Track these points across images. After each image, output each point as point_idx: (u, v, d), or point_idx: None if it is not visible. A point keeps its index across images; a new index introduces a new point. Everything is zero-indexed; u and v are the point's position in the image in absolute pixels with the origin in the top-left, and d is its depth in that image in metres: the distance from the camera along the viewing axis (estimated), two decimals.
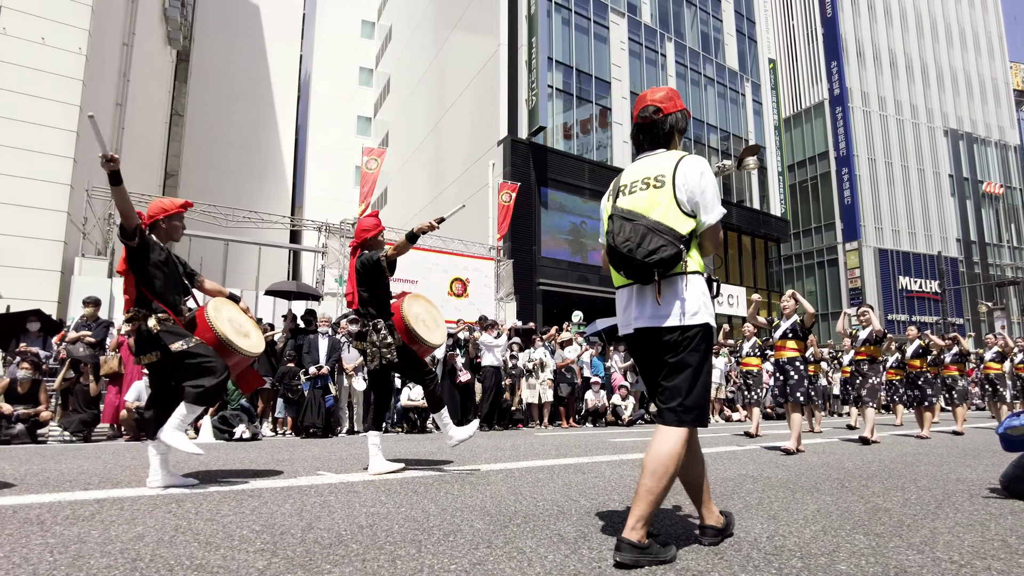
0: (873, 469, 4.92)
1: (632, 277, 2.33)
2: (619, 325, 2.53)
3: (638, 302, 2.37)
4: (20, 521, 2.67)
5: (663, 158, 2.41)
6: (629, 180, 2.45)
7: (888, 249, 40.63)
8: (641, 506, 2.14)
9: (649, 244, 2.20)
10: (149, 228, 3.87)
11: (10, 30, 14.52)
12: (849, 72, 41.92)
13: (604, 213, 2.54)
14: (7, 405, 7.28)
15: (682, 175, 2.32)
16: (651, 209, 2.30)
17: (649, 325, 2.34)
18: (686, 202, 2.30)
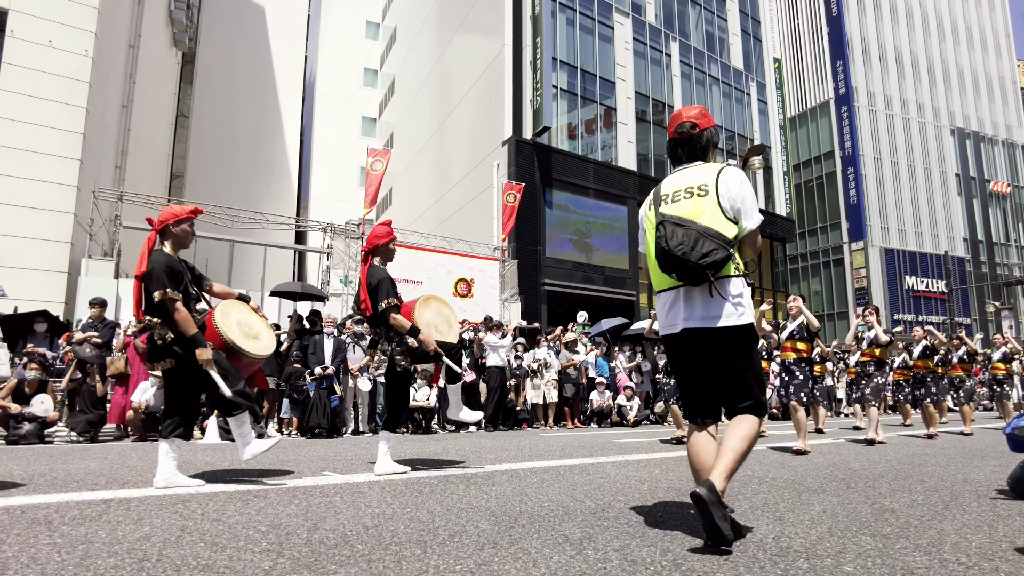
0: (879, 470, 4.90)
1: (684, 279, 2.47)
2: (661, 326, 2.67)
3: (686, 304, 2.53)
4: (28, 521, 2.68)
5: (704, 169, 2.60)
6: (671, 189, 2.63)
7: (894, 249, 40.46)
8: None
9: (702, 247, 2.36)
10: (160, 234, 3.90)
11: (17, 33, 14.59)
12: (855, 71, 41.77)
13: (646, 222, 2.69)
14: (15, 405, 7.32)
15: (724, 184, 2.51)
16: (698, 216, 2.47)
17: (700, 326, 2.49)
18: (729, 209, 2.48)
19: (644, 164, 25.94)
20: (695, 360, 2.58)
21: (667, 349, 2.73)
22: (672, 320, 2.59)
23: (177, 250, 3.96)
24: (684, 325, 2.53)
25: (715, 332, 2.47)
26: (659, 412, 12.11)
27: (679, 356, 2.63)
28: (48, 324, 8.84)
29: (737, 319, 2.46)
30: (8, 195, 13.94)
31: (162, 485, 3.63)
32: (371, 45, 42.55)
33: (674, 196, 2.59)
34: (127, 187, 17.85)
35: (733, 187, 2.50)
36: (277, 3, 39.98)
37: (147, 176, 24.78)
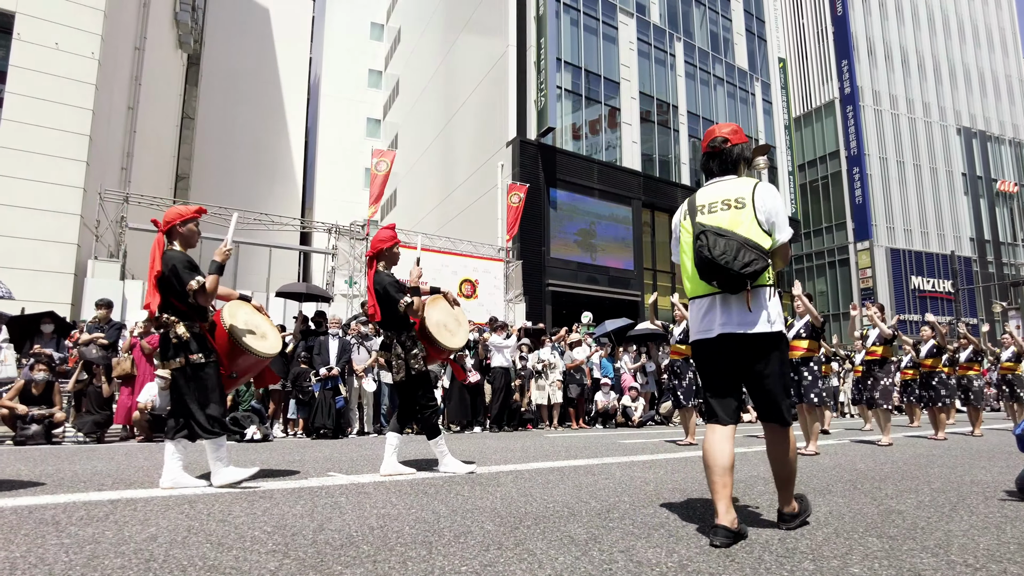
0: (886, 471, 4.88)
1: (724, 287, 2.60)
2: (695, 331, 2.79)
3: (723, 310, 2.66)
4: (36, 521, 2.69)
5: (739, 183, 2.75)
6: (707, 201, 2.76)
7: (900, 249, 40.31)
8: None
9: (744, 257, 2.50)
10: (167, 235, 3.92)
11: (24, 36, 14.67)
12: (860, 70, 41.62)
13: (680, 230, 2.85)
14: (23, 406, 7.36)
15: (761, 198, 2.66)
16: (736, 227, 2.61)
17: (737, 331, 2.62)
18: (764, 222, 2.63)
19: (649, 164, 25.91)
20: (729, 364, 2.70)
21: (700, 353, 2.82)
22: (708, 325, 2.71)
23: (185, 250, 3.98)
24: (721, 330, 2.65)
25: (751, 338, 2.61)
26: (664, 413, 12.10)
27: (713, 360, 2.74)
28: (55, 325, 8.88)
29: (771, 326, 2.61)
30: (15, 197, 14.02)
31: (168, 485, 3.65)
32: (375, 46, 42.62)
33: (711, 207, 2.72)
34: (133, 188, 17.92)
35: (768, 201, 2.66)
36: (281, 5, 40.09)
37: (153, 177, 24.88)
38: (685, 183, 26.92)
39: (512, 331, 11.80)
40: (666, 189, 26.14)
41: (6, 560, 2.08)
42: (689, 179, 27.16)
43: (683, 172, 27.11)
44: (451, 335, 4.71)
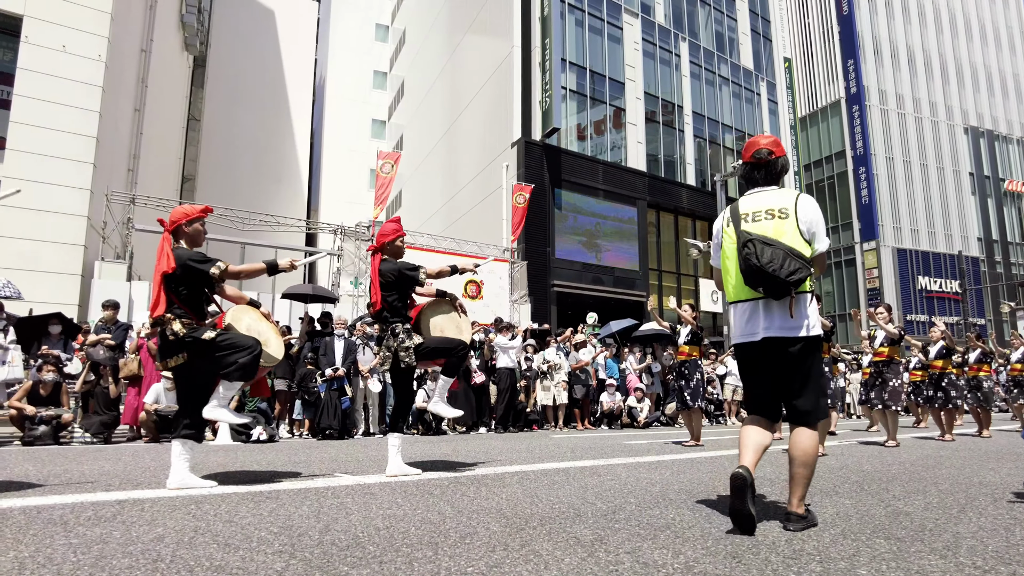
0: (893, 472, 4.86)
1: (770, 293, 2.74)
2: (738, 334, 2.93)
3: (766, 315, 2.80)
4: (44, 522, 2.71)
5: (781, 194, 2.89)
6: (750, 210, 2.90)
7: (907, 249, 40.14)
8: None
9: (790, 266, 2.64)
10: (173, 234, 3.92)
11: (32, 39, 14.76)
12: (866, 70, 41.48)
13: (723, 237, 2.97)
14: (31, 407, 7.40)
15: (803, 209, 2.81)
16: (780, 236, 2.75)
17: (780, 335, 2.76)
18: (805, 232, 2.78)
19: (654, 165, 25.88)
20: (771, 366, 2.85)
21: (743, 355, 2.96)
22: (752, 329, 2.84)
23: (191, 248, 3.99)
24: (765, 334, 2.79)
25: (793, 341, 2.76)
26: (670, 414, 12.08)
27: (756, 361, 2.89)
28: (62, 326, 8.92)
29: (810, 330, 2.76)
30: (24, 199, 14.07)
31: (175, 486, 3.66)
32: (380, 48, 42.71)
33: (754, 216, 2.87)
34: (139, 190, 18.00)
35: (810, 212, 2.82)
36: (287, 7, 40.22)
37: (159, 179, 24.99)
38: (690, 183, 26.88)
39: (518, 332, 11.80)
40: (671, 189, 26.11)
41: (15, 560, 2.09)
42: (694, 179, 27.12)
43: (688, 172, 27.07)
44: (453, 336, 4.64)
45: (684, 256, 25.45)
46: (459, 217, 26.23)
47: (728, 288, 2.96)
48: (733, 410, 14.53)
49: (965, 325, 35.41)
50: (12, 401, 7.51)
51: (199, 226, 4.00)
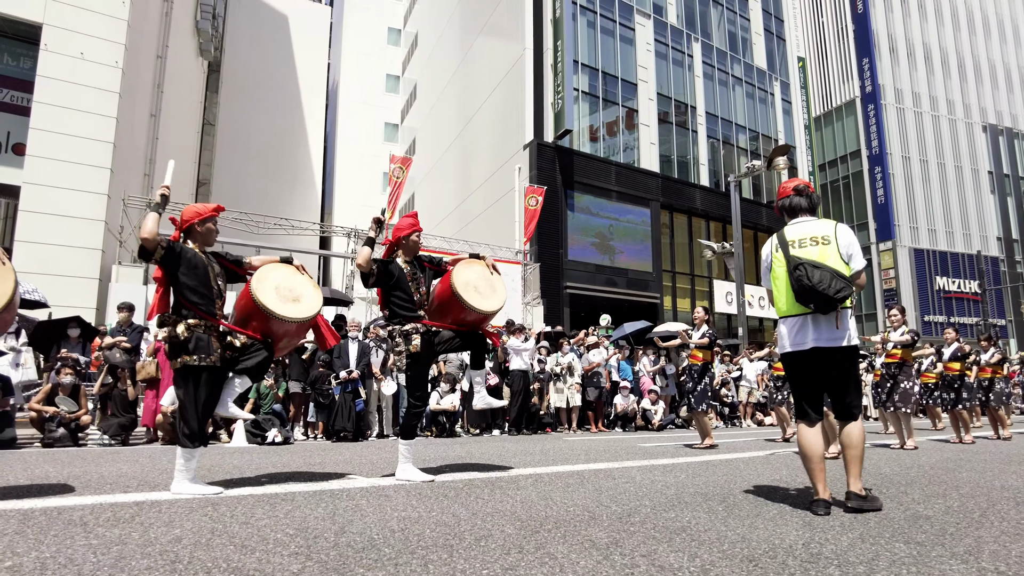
0: (912, 475, 4.80)
1: (819, 309, 3.20)
2: (789, 344, 3.38)
3: (814, 327, 3.27)
4: (65, 522, 2.74)
5: (821, 224, 3.41)
6: (796, 237, 3.39)
7: (924, 249, 39.67)
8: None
9: (837, 285, 3.12)
10: (185, 233, 3.89)
11: (51, 46, 14.97)
12: (882, 68, 41.07)
13: (773, 260, 3.48)
14: (50, 408, 7.49)
15: (842, 236, 3.33)
16: (825, 260, 3.24)
17: (827, 345, 3.24)
18: (844, 255, 3.28)
19: (667, 166, 25.77)
20: (819, 372, 3.33)
21: (793, 362, 3.42)
22: (801, 339, 3.31)
23: (203, 248, 3.94)
24: (814, 344, 3.26)
25: (838, 350, 3.25)
26: (684, 416, 12.01)
27: (805, 368, 3.36)
28: (80, 330, 9.03)
29: (851, 340, 3.24)
30: (44, 204, 14.30)
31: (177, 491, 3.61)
32: (393, 51, 42.89)
33: (800, 243, 3.35)
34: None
35: (848, 238, 3.34)
36: (300, 11, 40.51)
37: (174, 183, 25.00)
38: (704, 184, 26.74)
39: (531, 334, 11.78)
40: (685, 190, 25.98)
41: (37, 560, 2.12)
42: (707, 180, 26.97)
43: (702, 173, 26.93)
44: (481, 297, 4.39)
45: (698, 257, 25.30)
46: (472, 219, 26.26)
47: (779, 305, 3.42)
48: (748, 412, 14.42)
49: (985, 326, 34.91)
50: (31, 404, 7.61)
51: (211, 225, 3.96)
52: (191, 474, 3.67)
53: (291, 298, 3.94)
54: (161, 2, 21.48)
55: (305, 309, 3.96)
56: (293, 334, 4.14)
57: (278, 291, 3.91)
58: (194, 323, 3.70)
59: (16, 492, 3.64)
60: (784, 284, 3.35)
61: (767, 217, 28.77)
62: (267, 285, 3.90)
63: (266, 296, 3.84)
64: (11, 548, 2.28)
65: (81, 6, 15.38)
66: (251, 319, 3.92)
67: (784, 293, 3.36)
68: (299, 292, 4.01)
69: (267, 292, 3.86)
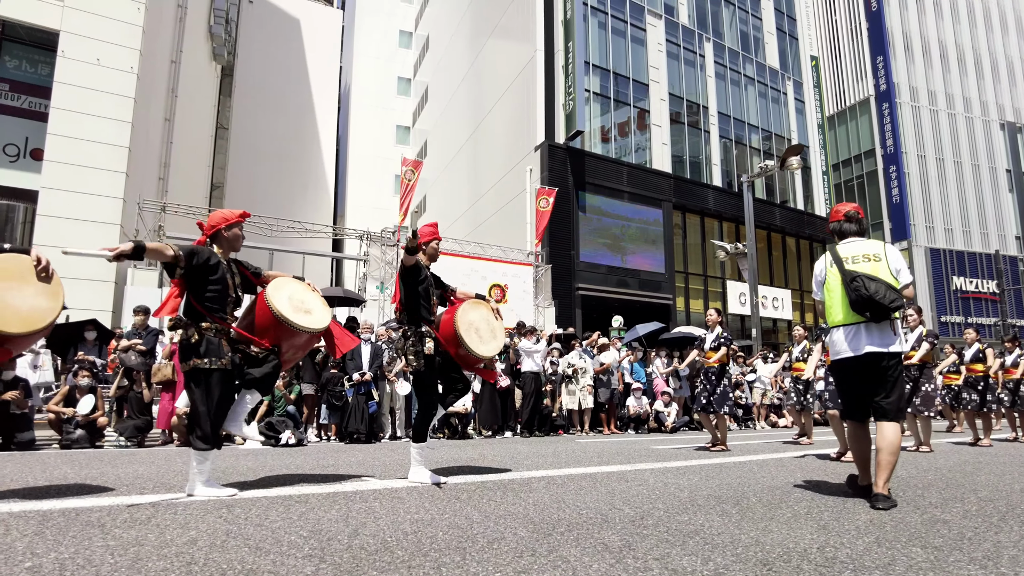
0: (929, 478, 4.75)
1: (875, 318, 3.58)
2: (844, 349, 3.71)
3: (867, 334, 3.63)
4: (83, 523, 2.77)
5: (871, 243, 3.83)
6: (850, 254, 3.79)
7: (940, 248, 39.21)
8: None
9: (891, 295, 3.51)
10: (211, 238, 3.93)
11: (68, 53, 15.17)
12: (896, 66, 40.68)
13: (828, 275, 3.86)
14: (68, 409, 7.59)
15: (891, 254, 3.75)
16: (878, 274, 3.62)
17: (880, 350, 3.60)
18: (893, 271, 3.66)
19: (679, 166, 25.67)
20: (867, 375, 3.67)
21: (847, 366, 3.75)
22: (857, 345, 3.65)
23: (228, 253, 3.98)
24: (868, 349, 3.61)
25: (889, 354, 3.61)
26: (697, 419, 11.95)
27: (858, 371, 3.70)
28: (97, 332, 9.14)
29: (901, 346, 3.65)
30: (61, 209, 14.50)
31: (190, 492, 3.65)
32: (404, 54, 43.05)
33: (854, 259, 3.76)
34: (170, 198, 18.37)
35: (896, 256, 3.76)
36: (312, 15, 40.77)
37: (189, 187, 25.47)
38: (716, 184, 26.61)
39: (542, 336, 11.77)
40: (697, 191, 25.87)
41: (56, 561, 2.15)
42: (720, 180, 26.83)
43: (714, 173, 26.80)
44: (480, 342, 4.50)
45: (711, 258, 25.18)
46: (483, 221, 26.30)
47: (833, 314, 3.77)
48: (762, 414, 14.32)
49: (1004, 327, 34.47)
50: (50, 405, 7.71)
51: (237, 231, 4.01)
52: (206, 476, 3.70)
53: (303, 309, 4.03)
54: (175, 8, 21.71)
55: (315, 321, 4.07)
56: (299, 347, 4.22)
57: (291, 301, 4.00)
58: (206, 326, 3.73)
59: (35, 493, 3.69)
60: (840, 295, 3.73)
61: (780, 217, 28.58)
62: (282, 294, 3.98)
63: (280, 303, 3.91)
64: (31, 549, 2.31)
65: (97, 13, 15.59)
66: (262, 328, 3.97)
67: (840, 304, 3.73)
68: (310, 306, 4.12)
69: (282, 300, 3.94)
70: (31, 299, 3.30)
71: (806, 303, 29.35)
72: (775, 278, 28.40)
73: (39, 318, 3.31)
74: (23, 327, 3.23)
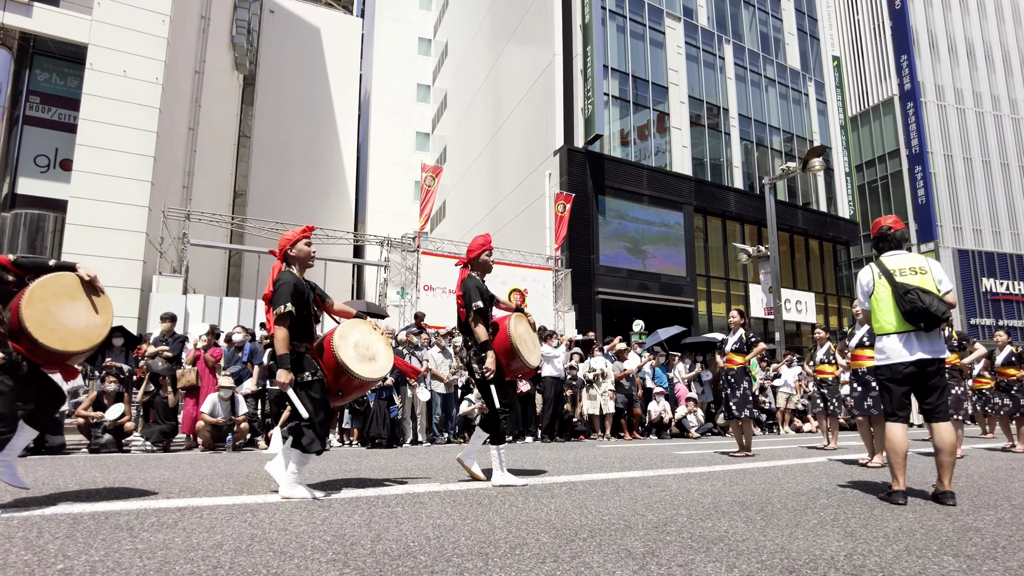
0: (960, 485, 4.64)
1: (928, 327, 3.81)
2: (895, 356, 3.92)
3: (918, 342, 3.86)
4: (112, 527, 2.82)
5: (914, 256, 4.09)
6: (896, 267, 4.02)
7: (969, 250, 38.43)
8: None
9: (942, 307, 3.76)
10: (285, 262, 4.05)
11: (96, 65, 15.53)
12: (921, 65, 40.02)
13: (876, 286, 4.07)
14: (97, 413, 7.72)
15: (934, 267, 4.01)
16: (926, 286, 3.86)
17: (930, 356, 3.83)
18: (937, 282, 3.93)
19: (700, 168, 25.51)
20: (914, 380, 3.89)
21: (895, 371, 3.92)
22: (909, 353, 3.86)
23: (303, 270, 4.12)
24: (920, 355, 3.83)
25: (939, 361, 3.85)
26: (721, 424, 11.82)
27: (907, 376, 3.89)
28: (124, 339, 9.30)
29: (948, 353, 3.70)
30: (89, 217, 14.81)
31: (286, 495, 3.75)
32: (423, 61, 43.36)
33: (901, 272, 3.98)
34: (193, 206, 18.68)
35: (939, 268, 4.02)
36: (332, 24, 41.28)
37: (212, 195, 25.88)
38: (738, 187, 26.38)
39: (562, 340, 11.73)
40: (718, 193, 25.67)
41: (87, 563, 2.19)
42: (741, 183, 26.61)
43: (735, 176, 26.58)
44: (528, 353, 4.73)
45: (733, 261, 24.95)
46: (503, 226, 26.34)
47: (884, 323, 3.98)
48: (786, 419, 14.13)
49: None
50: (79, 410, 7.86)
51: (303, 246, 4.11)
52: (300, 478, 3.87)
53: (368, 356, 4.14)
54: (199, 19, 22.11)
55: (379, 369, 4.18)
56: (358, 389, 4.33)
57: (356, 349, 4.10)
58: (297, 343, 3.91)
59: (66, 497, 3.76)
60: (890, 305, 3.95)
61: (803, 220, 28.24)
62: (348, 343, 4.08)
63: (346, 354, 4.02)
64: (62, 551, 2.36)
65: (124, 26, 15.94)
66: (327, 366, 4.08)
67: (892, 313, 3.94)
68: (375, 351, 4.21)
69: (347, 350, 4.05)
70: (85, 315, 3.42)
71: (830, 306, 28.94)
72: (798, 281, 28.05)
73: (97, 334, 3.46)
74: (85, 344, 3.37)
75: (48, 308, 3.27)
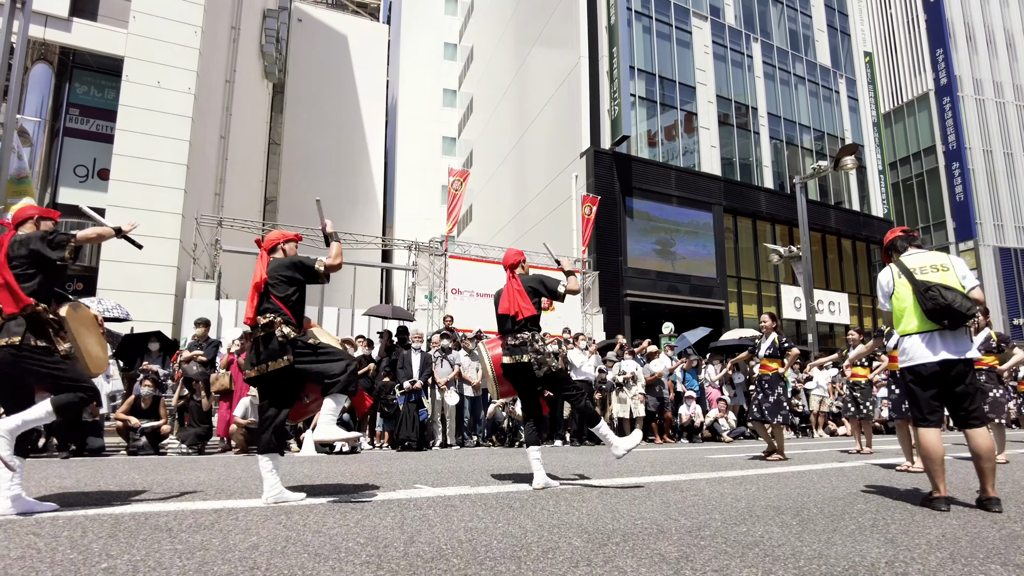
0: (1006, 490, 4.50)
1: (952, 325, 3.65)
2: (920, 356, 3.75)
3: (942, 342, 3.69)
4: (151, 528, 2.88)
5: (936, 254, 3.93)
6: (917, 265, 3.87)
7: (1011, 248, 37.27)
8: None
9: (967, 304, 3.59)
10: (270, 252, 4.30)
11: (132, 77, 15.96)
12: (958, 58, 39.00)
13: (897, 285, 3.92)
14: (134, 418, 7.91)
15: (957, 263, 3.87)
16: (949, 283, 3.71)
17: (956, 357, 3.65)
18: (960, 278, 3.76)
19: (729, 168, 25.19)
20: (942, 381, 3.71)
21: (920, 372, 3.77)
22: (933, 353, 3.70)
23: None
24: (944, 356, 3.66)
25: (964, 361, 3.66)
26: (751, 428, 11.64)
27: (932, 378, 3.72)
28: (160, 343, 9.50)
29: (974, 353, 3.70)
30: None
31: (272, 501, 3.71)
32: (449, 66, 43.64)
33: (922, 270, 3.83)
34: (225, 213, 19.02)
35: (962, 265, 3.87)
36: (359, 31, 41.77)
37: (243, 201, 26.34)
38: (768, 186, 25.99)
39: (591, 347, 11.67)
40: (748, 193, 25.32)
41: (129, 563, 2.24)
42: (772, 182, 26.21)
43: (765, 175, 26.19)
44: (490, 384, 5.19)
45: (764, 262, 24.57)
46: (529, 228, 26.33)
47: (907, 323, 3.84)
48: (820, 422, 13.86)
49: None
50: (118, 413, 8.06)
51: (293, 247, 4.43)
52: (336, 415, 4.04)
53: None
54: (229, 29, 22.57)
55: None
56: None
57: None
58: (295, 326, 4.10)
59: (107, 498, 3.86)
60: (912, 304, 3.80)
61: (835, 219, 27.71)
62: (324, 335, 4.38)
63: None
64: (105, 551, 2.41)
65: (158, 38, 16.35)
66: None
67: (914, 313, 3.79)
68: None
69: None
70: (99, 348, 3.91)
71: (864, 307, 28.33)
72: (831, 281, 27.52)
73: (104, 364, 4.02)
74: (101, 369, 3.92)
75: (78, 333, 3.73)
